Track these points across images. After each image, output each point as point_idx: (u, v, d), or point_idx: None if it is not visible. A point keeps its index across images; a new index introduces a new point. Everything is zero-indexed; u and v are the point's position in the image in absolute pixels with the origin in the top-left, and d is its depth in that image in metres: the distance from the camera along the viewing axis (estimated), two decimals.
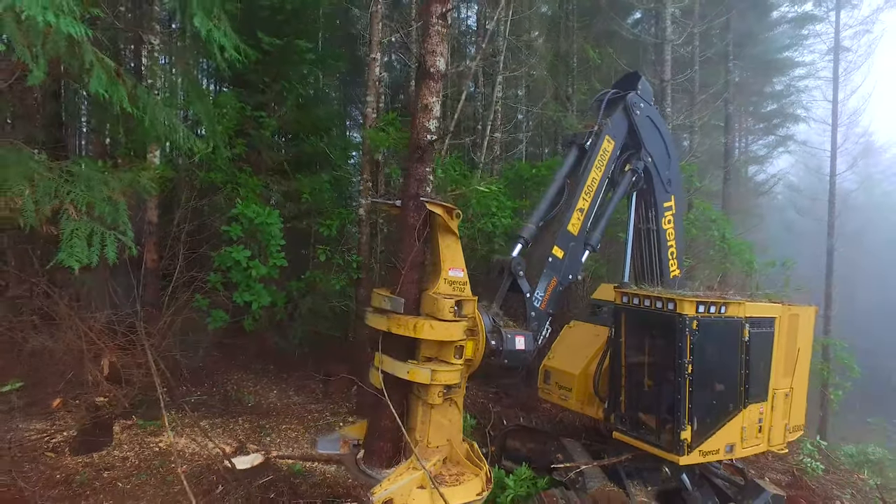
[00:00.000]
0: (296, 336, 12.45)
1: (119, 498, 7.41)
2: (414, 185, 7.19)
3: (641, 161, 9.85)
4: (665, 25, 15.39)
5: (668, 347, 8.14)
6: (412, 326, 6.59)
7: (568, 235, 8.43)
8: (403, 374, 6.66)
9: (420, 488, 6.30)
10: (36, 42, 3.54)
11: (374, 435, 7.20)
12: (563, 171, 9.04)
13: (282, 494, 7.82)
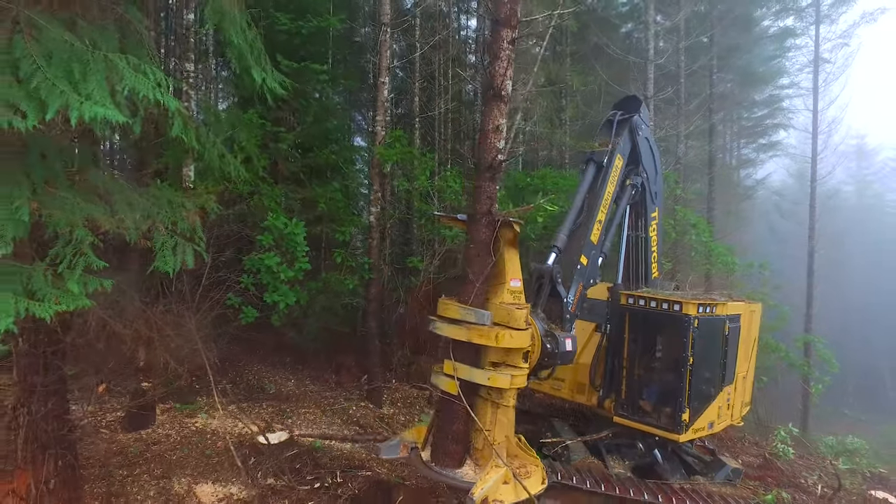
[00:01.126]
0: (310, 332, 13.57)
1: (168, 467, 8.55)
2: (486, 203, 7.52)
3: (639, 177, 10.93)
4: (648, 46, 16.56)
5: (673, 343, 9.44)
6: (494, 336, 7.15)
7: (591, 245, 9.29)
8: (484, 381, 7.23)
9: (504, 483, 7.07)
10: (140, 109, 4.69)
11: (446, 438, 7.67)
12: (584, 186, 9.90)
13: (305, 465, 8.97)
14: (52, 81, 4.14)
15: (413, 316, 13.96)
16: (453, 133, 18.58)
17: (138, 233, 4.90)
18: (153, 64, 5.01)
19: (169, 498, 7.83)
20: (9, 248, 4.13)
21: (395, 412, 12.47)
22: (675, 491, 8.96)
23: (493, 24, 7.77)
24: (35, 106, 4.09)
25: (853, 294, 51.57)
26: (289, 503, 7.98)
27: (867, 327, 50.49)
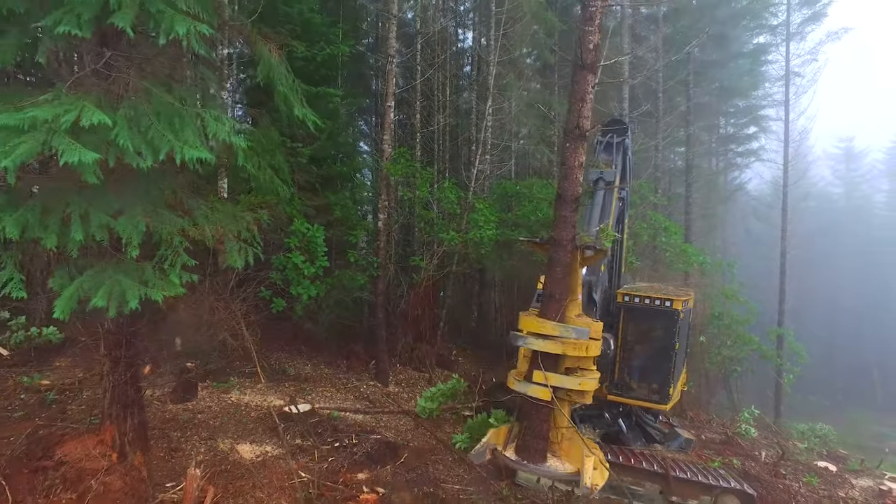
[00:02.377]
0: (324, 323, 15.25)
1: (212, 431, 10.20)
2: (570, 231, 8.75)
3: (624, 190, 12.49)
4: (623, 70, 18.27)
5: (665, 331, 11.20)
6: (585, 348, 8.54)
7: (605, 255, 10.59)
8: (576, 386, 8.69)
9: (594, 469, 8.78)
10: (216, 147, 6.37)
11: (535, 437, 9.21)
12: (599, 202, 11.29)
13: (326, 430, 10.65)
14: (161, 132, 5.80)
15: (415, 308, 15.72)
16: (451, 145, 20.25)
17: (214, 239, 6.56)
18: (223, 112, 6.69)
19: (216, 454, 9.48)
20: (136, 252, 5.80)
21: (400, 390, 14.24)
22: (635, 454, 10.62)
23: (577, 70, 8.89)
24: (151, 150, 5.75)
25: (843, 292, 52.72)
26: (314, 458, 9.66)
27: (857, 324, 51.51)
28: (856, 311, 51.91)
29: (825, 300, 52.16)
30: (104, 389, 8.29)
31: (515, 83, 17.64)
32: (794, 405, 29.71)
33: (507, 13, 17.24)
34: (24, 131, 5.00)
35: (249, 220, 7.02)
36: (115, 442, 8.34)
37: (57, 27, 5.10)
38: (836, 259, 54.58)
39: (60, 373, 12.22)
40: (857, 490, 14.04)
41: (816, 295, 52.36)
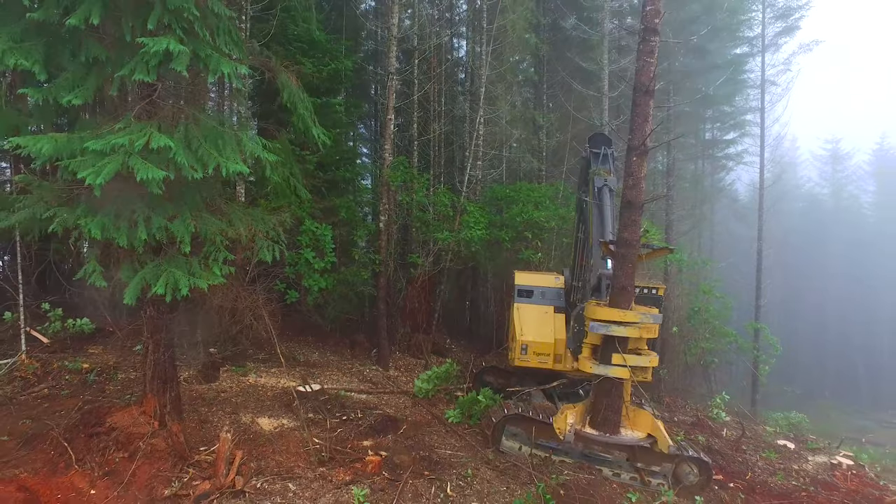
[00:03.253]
0: (329, 315, 16.60)
1: (234, 407, 11.53)
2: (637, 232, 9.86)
3: None
4: (603, 84, 19.65)
5: None
6: (654, 330, 9.76)
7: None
8: (647, 363, 9.97)
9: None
10: (249, 161, 7.71)
11: (610, 411, 10.50)
12: (607, 206, 12.11)
13: (335, 406, 12.01)
14: (209, 151, 7.14)
15: (412, 301, 17.15)
16: (446, 151, 21.61)
17: (247, 238, 7.91)
18: (254, 131, 8.03)
19: (240, 425, 10.80)
20: (188, 248, 7.14)
21: (399, 374, 15.64)
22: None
23: (639, 94, 10.04)
24: (201, 166, 7.08)
25: (831, 291, 53.80)
26: (325, 429, 11.00)
27: (844, 322, 52.64)
28: (843, 309, 53.11)
29: (815, 298, 53.31)
30: (146, 367, 9.61)
31: (504, 97, 18.99)
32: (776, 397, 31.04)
33: (497, 30, 18.61)
34: (107, 154, 6.34)
35: (274, 222, 8.37)
36: (156, 412, 9.66)
37: (133, 75, 6.43)
38: (825, 258, 55.76)
39: (95, 358, 13.52)
40: (811, 464, 15.39)
41: (806, 293, 53.59)
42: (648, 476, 10.93)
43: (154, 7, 6.51)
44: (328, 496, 8.76)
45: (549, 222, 16.41)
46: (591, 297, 11.35)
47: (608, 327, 9.94)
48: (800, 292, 53.17)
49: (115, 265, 7.44)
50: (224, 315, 11.26)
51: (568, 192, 18.84)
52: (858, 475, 15.10)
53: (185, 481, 8.71)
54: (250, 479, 9.03)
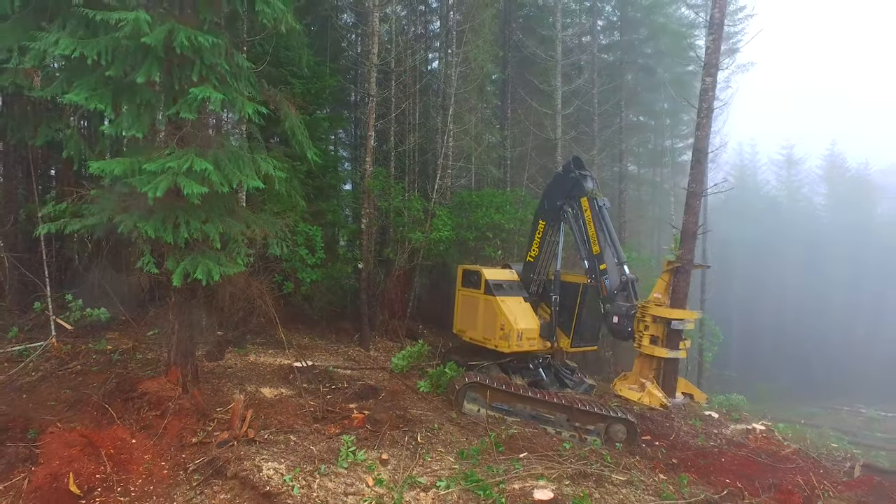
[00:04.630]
0: (317, 306, 18.69)
1: (240, 380, 13.56)
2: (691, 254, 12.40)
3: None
4: (557, 103, 22.05)
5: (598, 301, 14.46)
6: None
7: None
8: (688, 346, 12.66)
9: None
10: (261, 176, 9.81)
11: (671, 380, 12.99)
12: (608, 219, 14.14)
13: (325, 378, 14.13)
14: (234, 170, 9.22)
15: (390, 293, 19.40)
16: (420, 160, 23.84)
17: (261, 237, 10.00)
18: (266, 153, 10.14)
19: (246, 393, 12.84)
20: (218, 244, 9.22)
21: (378, 354, 17.86)
22: (550, 393, 14.20)
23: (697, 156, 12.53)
24: (227, 182, 9.15)
25: (788, 289, 56.47)
26: (317, 396, 13.11)
27: (800, 317, 55.32)
28: (800, 305, 56.01)
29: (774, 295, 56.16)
30: (170, 344, 11.61)
31: (468, 116, 21.29)
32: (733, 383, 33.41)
33: (464, 53, 20.88)
34: (159, 174, 8.40)
35: (280, 224, 10.49)
36: (180, 380, 11.64)
37: (179, 113, 8.51)
38: (783, 257, 58.71)
39: (114, 342, 15.39)
40: (730, 430, 17.83)
41: (766, 290, 56.49)
42: (585, 434, 13.15)
43: (196, 63, 8.59)
44: (322, 444, 10.85)
45: (509, 224, 18.80)
46: (617, 296, 13.56)
47: (683, 323, 12.39)
48: (760, 290, 56.11)
49: (161, 258, 9.48)
50: (235, 302, 13.24)
51: (528, 198, 21.24)
52: (767, 437, 17.56)
53: (208, 432, 10.72)
54: (259, 432, 11.08)
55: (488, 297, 15.50)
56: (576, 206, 14.65)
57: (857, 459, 15.59)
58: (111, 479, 9.28)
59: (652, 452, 13.42)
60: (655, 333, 12.73)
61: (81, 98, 8.28)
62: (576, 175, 14.75)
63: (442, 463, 10.67)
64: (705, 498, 10.84)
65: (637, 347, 13.20)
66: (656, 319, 12.56)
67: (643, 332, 12.88)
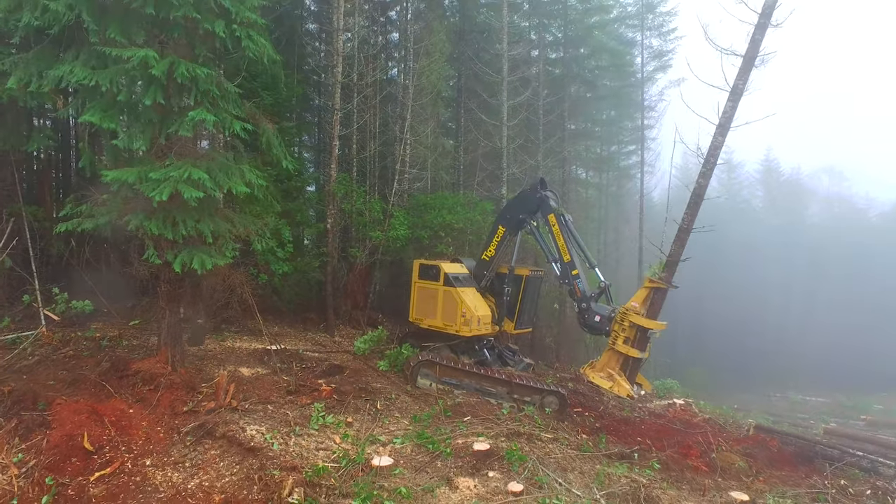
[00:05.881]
0: (286, 298, 20.36)
1: (220, 361, 15.14)
2: (672, 276, 13.88)
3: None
4: (503, 115, 24.25)
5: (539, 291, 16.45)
6: None
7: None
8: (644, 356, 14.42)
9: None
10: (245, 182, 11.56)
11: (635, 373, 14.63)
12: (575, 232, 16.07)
13: (296, 359, 15.85)
14: (224, 178, 10.93)
15: (352, 285, 21.29)
16: (380, 166, 25.73)
17: (244, 233, 11.72)
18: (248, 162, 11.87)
19: (228, 372, 14.46)
20: (210, 240, 10.91)
21: (342, 340, 19.70)
22: (493, 370, 16.22)
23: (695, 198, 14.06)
24: (218, 188, 10.85)
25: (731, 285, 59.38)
26: (290, 373, 14.84)
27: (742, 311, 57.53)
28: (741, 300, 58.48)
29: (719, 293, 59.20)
30: (161, 327, 13.16)
31: (423, 127, 23.31)
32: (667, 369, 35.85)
33: (419, 68, 22.89)
34: (162, 181, 10.07)
35: (261, 223, 12.23)
36: (169, 360, 13.16)
37: (178, 132, 10.20)
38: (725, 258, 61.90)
39: (100, 331, 16.77)
40: (654, 405, 20.20)
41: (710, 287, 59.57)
42: (522, 405, 15.16)
43: (192, 90, 10.30)
44: (296, 411, 12.58)
45: (459, 224, 20.90)
46: (595, 301, 15.42)
47: (654, 332, 14.26)
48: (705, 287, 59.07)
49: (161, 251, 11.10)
50: (216, 292, 14.86)
51: (477, 201, 23.45)
52: (685, 410, 19.98)
53: (197, 402, 12.32)
54: (241, 402, 12.76)
55: (448, 288, 17.31)
56: (541, 221, 16.62)
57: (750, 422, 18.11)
58: (115, 440, 10.79)
59: (580, 420, 15.50)
60: (629, 336, 14.48)
61: (96, 118, 9.88)
62: (542, 195, 16.62)
63: (398, 425, 12.57)
64: (618, 451, 12.89)
65: (612, 345, 14.87)
66: (633, 325, 14.31)
67: (619, 332, 14.60)
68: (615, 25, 34.26)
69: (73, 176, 22.50)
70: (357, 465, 10.07)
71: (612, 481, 10.62)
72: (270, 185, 12.91)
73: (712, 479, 11.70)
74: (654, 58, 34.21)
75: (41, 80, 10.31)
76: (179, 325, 13.45)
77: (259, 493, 9.29)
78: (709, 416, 19.94)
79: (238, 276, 13.75)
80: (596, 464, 11.58)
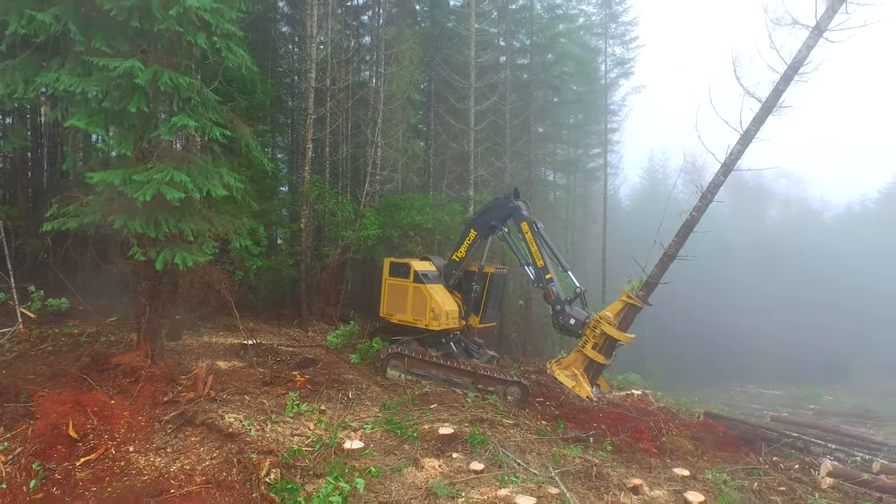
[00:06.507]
0: (261, 295, 20.94)
1: (197, 355, 15.69)
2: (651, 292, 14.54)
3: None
4: (470, 120, 25.17)
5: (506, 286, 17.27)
6: None
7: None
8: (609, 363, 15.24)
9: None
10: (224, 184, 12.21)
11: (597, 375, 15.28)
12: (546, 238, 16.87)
13: (271, 353, 16.46)
14: (203, 180, 11.55)
15: (325, 283, 21.98)
16: (352, 167, 26.44)
17: (223, 233, 12.36)
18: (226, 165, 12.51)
19: (205, 365, 15.06)
20: (191, 238, 11.53)
21: (315, 335, 20.36)
22: (459, 362, 17.06)
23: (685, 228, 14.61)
24: (198, 189, 11.47)
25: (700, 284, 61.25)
26: (265, 366, 15.47)
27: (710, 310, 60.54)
28: (707, 299, 61.09)
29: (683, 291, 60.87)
30: (141, 322, 13.67)
31: (393, 130, 24.12)
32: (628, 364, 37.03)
33: (390, 74, 23.69)
34: (146, 183, 10.67)
35: (238, 223, 12.88)
36: (149, 353, 13.66)
37: (161, 136, 10.81)
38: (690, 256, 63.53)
39: (78, 328, 17.14)
40: (613, 395, 21.28)
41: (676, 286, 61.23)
42: (486, 394, 16.02)
43: (174, 97, 10.93)
44: (272, 401, 13.24)
45: (428, 224, 21.75)
46: (570, 305, 16.11)
47: (623, 345, 15.11)
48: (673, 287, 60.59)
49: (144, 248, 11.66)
50: (194, 288, 15.42)
51: (446, 202, 24.36)
52: (641, 399, 21.11)
53: (177, 392, 12.91)
54: (219, 393, 13.37)
55: (418, 284, 18.05)
56: (514, 228, 17.44)
57: (702, 411, 19.31)
58: (99, 429, 11.29)
59: (541, 409, 16.40)
60: (598, 342, 15.21)
61: (82, 123, 10.43)
62: (514, 205, 17.44)
63: (369, 412, 13.33)
64: (575, 436, 13.78)
65: (581, 347, 15.55)
66: (604, 333, 15.01)
67: (590, 337, 15.30)
68: (580, 33, 35.54)
69: (45, 176, 22.77)
70: (330, 449, 10.74)
71: (567, 461, 11.41)
72: (248, 186, 13.47)
73: (660, 460, 12.58)
74: (618, 65, 35.72)
75: (27, 87, 10.79)
76: (159, 321, 13.97)
77: (238, 475, 9.92)
78: (664, 405, 21.10)
79: (215, 273, 14.29)
80: (553, 447, 12.39)
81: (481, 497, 9.41)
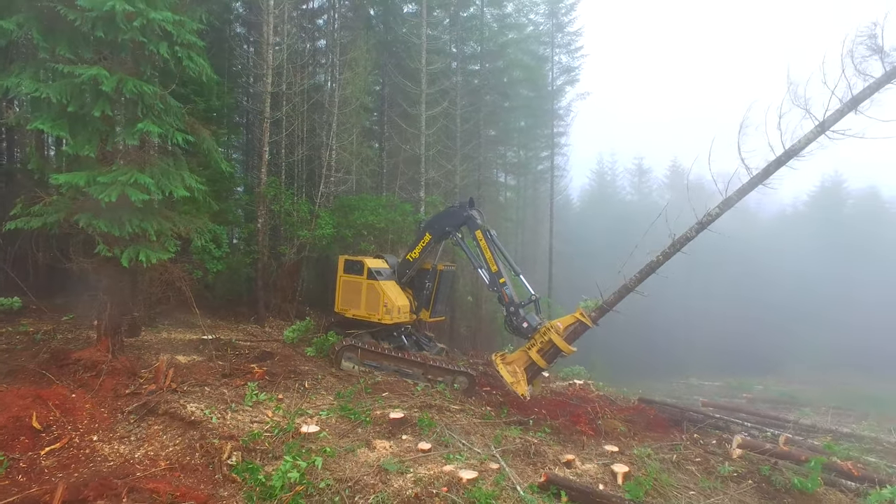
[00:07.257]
0: (218, 293, 21.37)
1: (157, 350, 16.04)
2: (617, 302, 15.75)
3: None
4: (422, 125, 26.12)
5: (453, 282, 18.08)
6: None
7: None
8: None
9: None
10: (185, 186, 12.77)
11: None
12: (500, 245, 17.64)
13: (229, 347, 16.95)
14: (166, 182, 12.10)
15: (282, 280, 22.56)
16: (307, 169, 27.04)
17: (184, 232, 12.91)
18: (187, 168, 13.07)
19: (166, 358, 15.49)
20: (154, 238, 12.05)
21: (272, 330, 20.91)
22: (410, 354, 17.88)
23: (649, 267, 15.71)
24: (160, 191, 12.02)
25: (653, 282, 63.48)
26: (224, 360, 16.00)
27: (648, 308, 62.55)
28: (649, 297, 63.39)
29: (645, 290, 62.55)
30: (103, 318, 14.06)
31: (347, 133, 24.84)
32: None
33: (344, 80, 24.43)
34: (110, 184, 11.18)
35: (199, 223, 13.44)
36: (109, 349, 14.01)
37: (126, 140, 11.34)
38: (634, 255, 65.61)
39: (32, 326, 17.24)
40: (556, 385, 22.51)
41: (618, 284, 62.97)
42: (435, 383, 16.89)
43: (138, 103, 11.46)
44: (231, 391, 13.79)
45: (381, 224, 22.62)
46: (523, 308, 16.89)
47: (566, 356, 16.10)
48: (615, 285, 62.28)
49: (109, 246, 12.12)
50: (153, 285, 15.83)
51: (398, 203, 25.26)
52: (582, 388, 22.39)
53: (139, 384, 13.35)
54: (180, 385, 13.84)
55: (371, 281, 18.79)
56: (468, 235, 18.28)
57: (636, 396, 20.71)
58: (62, 420, 11.64)
59: (487, 397, 17.36)
60: (544, 348, 16.21)
61: (46, 126, 10.87)
62: (469, 214, 18.24)
63: (324, 400, 14.07)
64: (517, 419, 14.80)
65: (527, 349, 16.51)
66: (551, 341, 16.01)
67: (537, 342, 16.27)
68: (529, 42, 36.92)
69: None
70: (288, 433, 11.44)
71: (507, 442, 12.39)
72: (206, 187, 14.03)
73: (595, 440, 13.72)
74: (564, 73, 37.29)
75: None
76: (120, 317, 14.36)
77: (201, 459, 10.52)
78: (603, 394, 22.40)
79: (176, 271, 14.77)
80: (496, 429, 13.34)
81: (428, 472, 10.27)
